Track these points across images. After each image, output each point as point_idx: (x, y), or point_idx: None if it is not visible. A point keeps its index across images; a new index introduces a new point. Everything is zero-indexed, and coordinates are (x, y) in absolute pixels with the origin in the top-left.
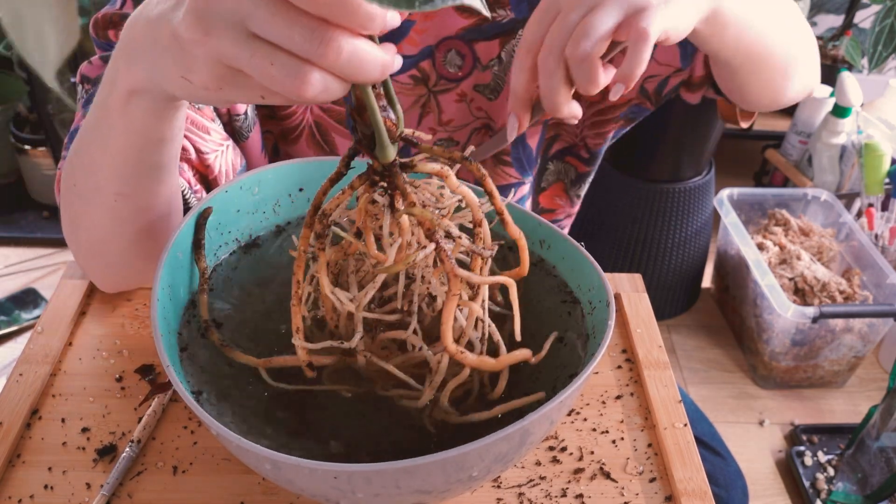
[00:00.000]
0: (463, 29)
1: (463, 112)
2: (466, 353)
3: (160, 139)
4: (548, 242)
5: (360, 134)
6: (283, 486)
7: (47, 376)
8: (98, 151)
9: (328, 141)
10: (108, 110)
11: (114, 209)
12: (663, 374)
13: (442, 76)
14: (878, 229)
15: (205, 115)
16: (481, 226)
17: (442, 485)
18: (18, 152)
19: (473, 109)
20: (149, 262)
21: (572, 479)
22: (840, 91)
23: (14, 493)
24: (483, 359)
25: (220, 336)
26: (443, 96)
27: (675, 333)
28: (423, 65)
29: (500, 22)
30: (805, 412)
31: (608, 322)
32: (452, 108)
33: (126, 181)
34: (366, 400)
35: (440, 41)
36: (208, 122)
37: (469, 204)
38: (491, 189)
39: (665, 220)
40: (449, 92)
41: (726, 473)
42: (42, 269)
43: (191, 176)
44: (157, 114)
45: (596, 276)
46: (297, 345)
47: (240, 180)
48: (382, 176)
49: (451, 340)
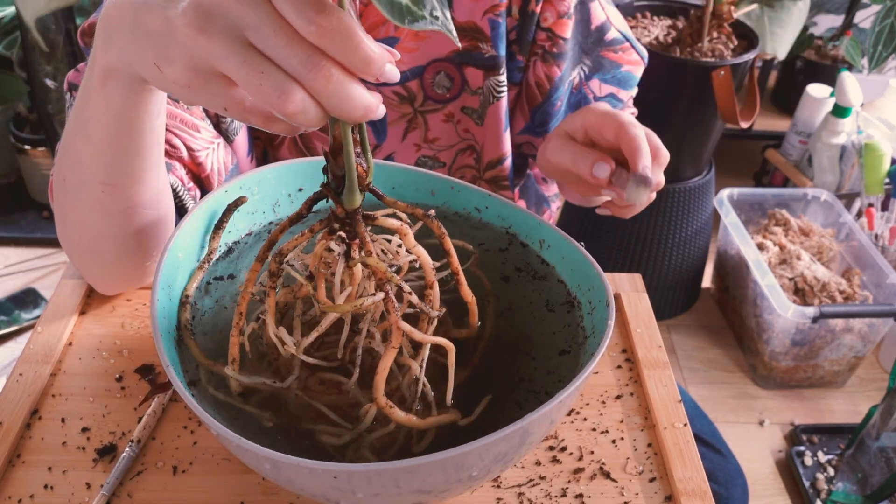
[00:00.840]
0: (454, 52)
1: (449, 132)
2: (395, 408)
3: (138, 121)
4: (548, 242)
5: (329, 176)
6: (283, 486)
7: (47, 376)
8: (82, 142)
9: (310, 148)
10: (88, 94)
11: (101, 202)
12: (663, 374)
13: (429, 97)
14: (878, 229)
15: (195, 114)
16: (432, 288)
17: (442, 484)
18: (18, 152)
19: (460, 131)
20: (141, 262)
21: (572, 478)
22: (840, 91)
23: (14, 493)
24: (410, 417)
25: (191, 322)
26: (430, 115)
27: (675, 333)
28: (411, 84)
29: (484, 55)
30: (805, 412)
31: (608, 322)
32: (439, 128)
33: (109, 170)
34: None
35: (430, 62)
36: (198, 121)
37: (422, 265)
38: (449, 249)
39: (665, 220)
40: (436, 112)
41: (726, 471)
42: (42, 269)
43: (183, 174)
44: (133, 95)
45: (596, 276)
46: (230, 375)
47: (240, 180)
48: (343, 223)
49: (381, 394)
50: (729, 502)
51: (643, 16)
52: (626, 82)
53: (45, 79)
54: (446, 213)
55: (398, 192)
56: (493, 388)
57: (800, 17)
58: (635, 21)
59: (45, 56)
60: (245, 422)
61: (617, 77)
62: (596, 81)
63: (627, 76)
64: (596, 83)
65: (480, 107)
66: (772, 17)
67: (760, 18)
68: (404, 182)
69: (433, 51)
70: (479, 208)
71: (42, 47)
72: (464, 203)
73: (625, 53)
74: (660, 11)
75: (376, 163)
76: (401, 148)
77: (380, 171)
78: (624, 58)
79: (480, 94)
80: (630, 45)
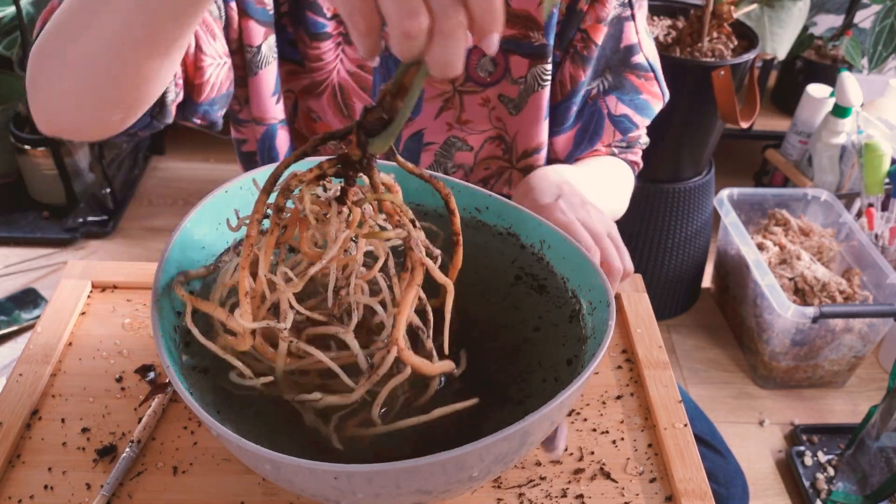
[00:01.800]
0: (503, 38)
1: (483, 117)
2: (411, 352)
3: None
4: (548, 242)
5: (368, 118)
6: (283, 486)
7: (47, 376)
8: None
9: (348, 104)
10: None
11: (130, 24)
12: (663, 374)
13: (471, 77)
14: (878, 229)
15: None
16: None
17: (442, 485)
18: (18, 152)
19: (493, 118)
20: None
21: (572, 479)
22: (840, 91)
23: (14, 494)
24: (424, 362)
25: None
26: (467, 97)
27: (675, 333)
28: None
29: (534, 44)
30: (805, 412)
31: (608, 322)
32: (475, 111)
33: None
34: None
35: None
36: (217, 31)
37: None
38: (453, 208)
39: (665, 220)
40: (474, 94)
41: (726, 471)
42: (42, 269)
43: (179, 69)
44: None
45: (596, 276)
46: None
47: (239, 180)
48: (354, 167)
49: (403, 333)
50: (729, 502)
51: None
52: (643, 109)
53: None
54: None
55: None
56: (494, 388)
57: (800, 17)
58: None
59: None
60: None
61: (635, 102)
62: (613, 98)
63: (645, 104)
64: (613, 100)
65: (519, 96)
66: (772, 17)
67: (760, 18)
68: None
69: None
70: (480, 208)
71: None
72: (464, 203)
73: (647, 82)
74: (660, 11)
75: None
76: (433, 125)
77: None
78: (646, 86)
79: (521, 84)
80: (655, 77)
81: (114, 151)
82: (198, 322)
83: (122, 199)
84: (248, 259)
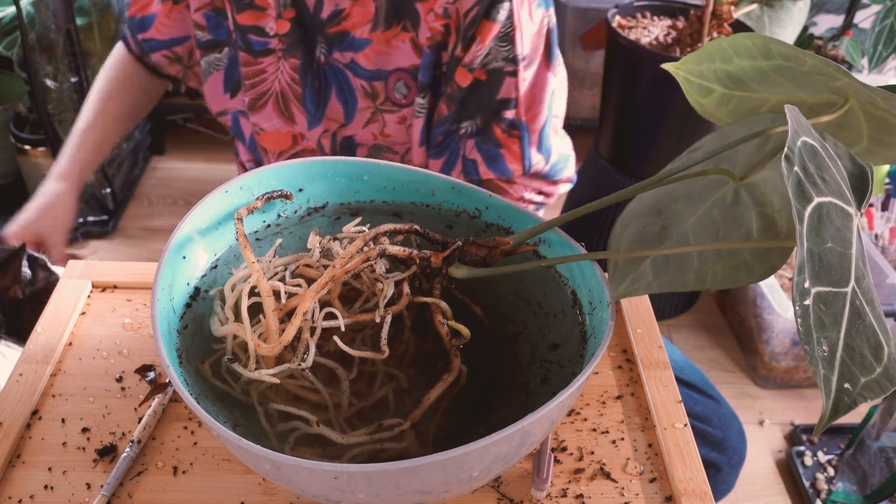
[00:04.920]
0: (413, 66)
1: (401, 132)
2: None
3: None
4: (548, 242)
5: (471, 249)
6: (283, 486)
7: (47, 376)
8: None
9: (289, 111)
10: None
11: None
12: (663, 374)
13: (388, 98)
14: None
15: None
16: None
17: (442, 485)
18: (18, 152)
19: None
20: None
21: (572, 479)
22: None
23: (14, 493)
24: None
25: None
26: (387, 115)
27: (675, 333)
28: (376, 84)
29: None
30: (805, 412)
31: (608, 322)
32: (393, 127)
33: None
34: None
35: (394, 70)
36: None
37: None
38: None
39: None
40: (393, 113)
41: (721, 414)
42: None
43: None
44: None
45: (596, 276)
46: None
47: (239, 180)
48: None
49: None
50: (725, 443)
51: (643, 16)
52: (494, 161)
53: (45, 79)
54: (447, 213)
55: (399, 191)
56: (493, 388)
57: (800, 17)
58: (635, 21)
59: (45, 56)
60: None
61: (490, 153)
62: (472, 142)
63: (498, 158)
64: (471, 143)
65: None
66: (772, 17)
67: (760, 18)
68: (406, 182)
69: (398, 61)
70: (480, 209)
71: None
72: (464, 203)
73: (510, 139)
74: (660, 11)
75: (378, 163)
76: (362, 133)
77: (382, 171)
78: (507, 142)
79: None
80: (519, 146)
81: (114, 151)
82: (198, 323)
83: (122, 199)
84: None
